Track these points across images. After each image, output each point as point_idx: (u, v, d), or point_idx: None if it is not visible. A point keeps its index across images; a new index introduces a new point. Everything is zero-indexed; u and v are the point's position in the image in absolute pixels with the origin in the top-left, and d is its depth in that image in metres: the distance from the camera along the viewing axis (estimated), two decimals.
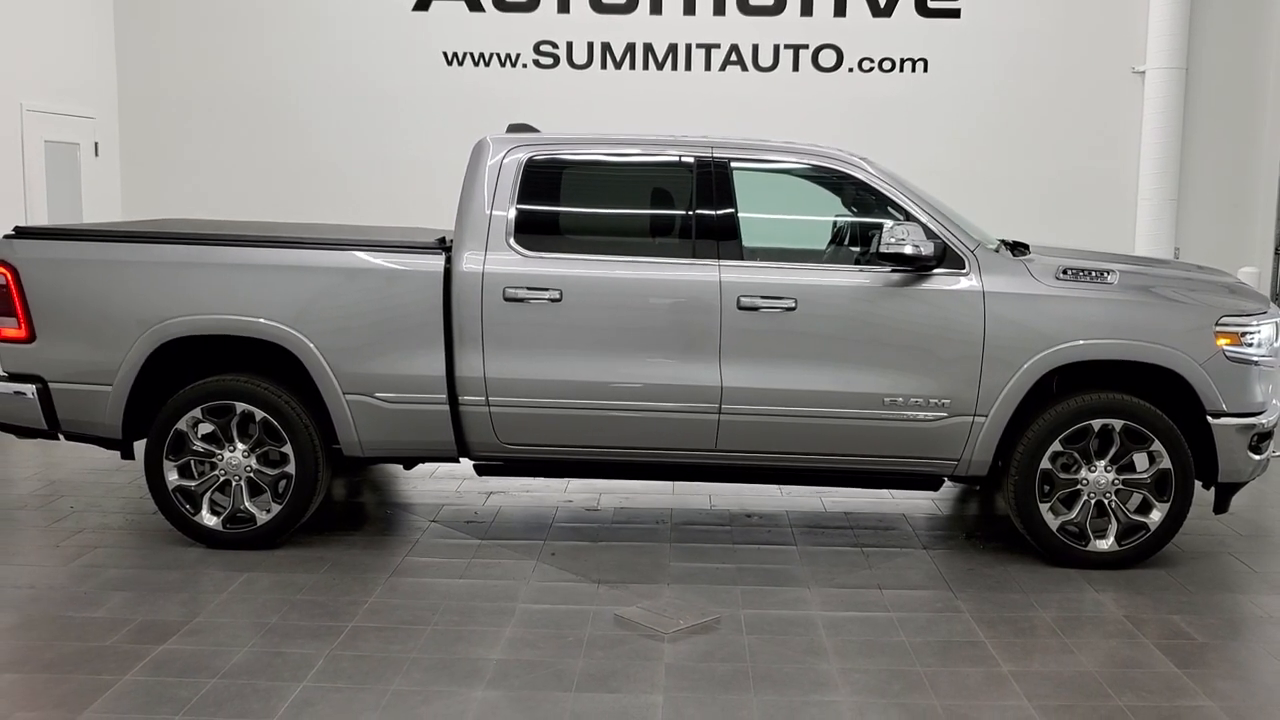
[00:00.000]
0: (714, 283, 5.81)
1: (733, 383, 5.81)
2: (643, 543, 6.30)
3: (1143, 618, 5.30)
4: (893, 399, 5.80)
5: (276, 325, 5.86)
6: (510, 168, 5.99)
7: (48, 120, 9.98)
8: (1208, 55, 10.84)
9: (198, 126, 11.16)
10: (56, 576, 5.65)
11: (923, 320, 5.79)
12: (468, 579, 5.69)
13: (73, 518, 6.61)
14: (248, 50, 11.07)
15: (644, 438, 5.92)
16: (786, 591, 5.57)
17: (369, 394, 5.90)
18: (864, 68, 11.01)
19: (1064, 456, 5.86)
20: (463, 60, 11.04)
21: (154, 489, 6.00)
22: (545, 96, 10.81)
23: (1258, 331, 5.84)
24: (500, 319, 5.83)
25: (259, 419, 5.93)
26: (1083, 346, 5.76)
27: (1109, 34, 10.89)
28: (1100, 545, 5.90)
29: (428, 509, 6.89)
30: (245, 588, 5.49)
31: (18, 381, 6.05)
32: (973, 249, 5.87)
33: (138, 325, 5.90)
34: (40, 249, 6.04)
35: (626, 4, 10.95)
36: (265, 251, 5.99)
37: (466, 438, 6.00)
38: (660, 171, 6.22)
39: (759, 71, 11.06)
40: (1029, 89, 10.97)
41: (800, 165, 6.14)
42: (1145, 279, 6.05)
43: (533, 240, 5.92)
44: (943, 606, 5.43)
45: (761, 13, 10.95)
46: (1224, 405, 5.78)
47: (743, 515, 6.86)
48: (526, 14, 10.99)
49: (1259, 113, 10.92)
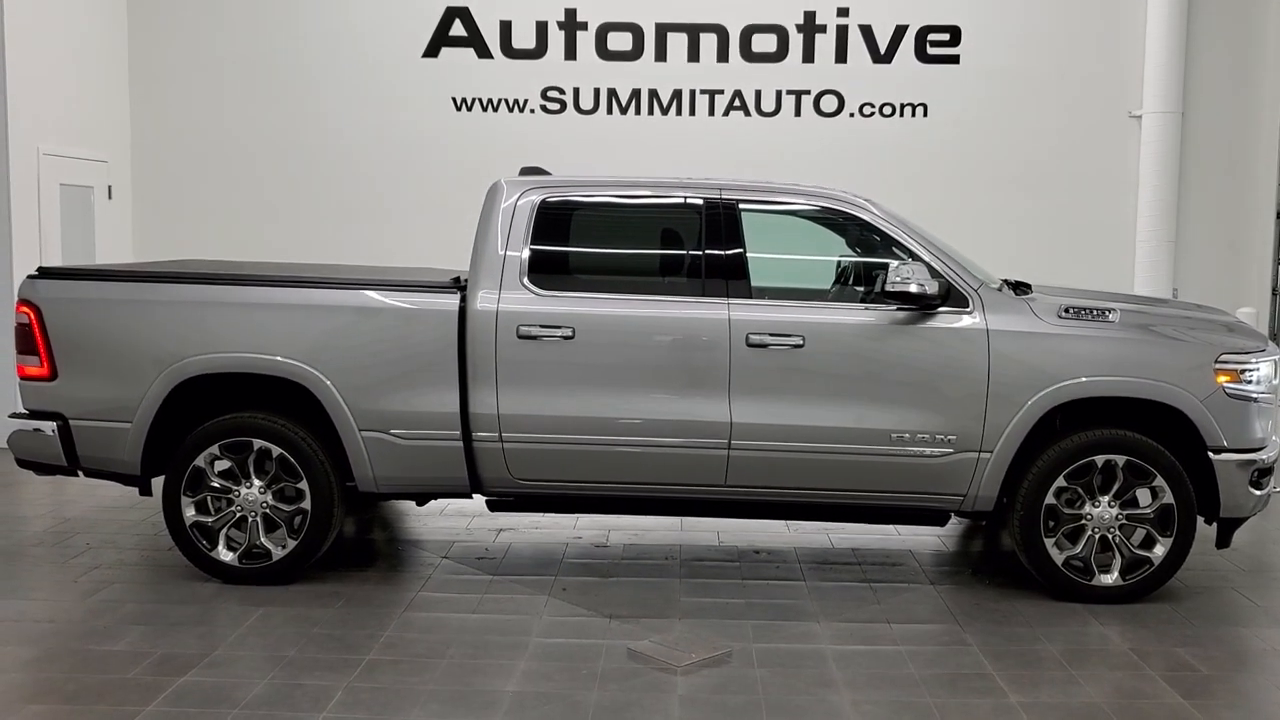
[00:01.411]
0: (723, 320, 5.92)
1: (742, 419, 5.91)
2: (653, 578, 6.38)
3: (1148, 650, 5.37)
4: (899, 435, 5.90)
5: (294, 363, 5.97)
6: (524, 209, 6.13)
7: (63, 164, 10.14)
8: (1203, 99, 11.03)
9: (209, 170, 11.33)
10: (75, 611, 5.72)
11: (928, 357, 5.90)
12: (481, 614, 5.76)
13: (88, 554, 6.68)
14: (259, 96, 11.26)
15: (655, 473, 6.02)
16: (796, 626, 5.64)
17: (384, 430, 6.00)
18: (865, 113, 11.19)
19: (1068, 492, 5.95)
20: (471, 105, 11.23)
21: (171, 525, 6.09)
22: (552, 141, 10.97)
23: (1257, 369, 5.96)
24: (514, 356, 5.94)
25: (276, 455, 6.03)
26: (1085, 384, 5.87)
27: (1106, 79, 11.08)
28: (1105, 580, 5.97)
29: (439, 545, 6.96)
30: (262, 622, 5.56)
31: (38, 419, 6.16)
32: (976, 288, 5.99)
33: (157, 363, 6.02)
34: (62, 289, 6.17)
35: (632, 51, 11.15)
36: (284, 291, 6.12)
37: (480, 473, 6.10)
38: (670, 212, 6.37)
39: (762, 116, 11.24)
40: (1028, 133, 11.15)
41: (807, 206, 6.28)
42: (1146, 317, 6.17)
43: (546, 279, 6.04)
44: (950, 640, 5.50)
45: (764, 60, 11.16)
46: (1225, 441, 5.88)
47: (751, 551, 6.93)
48: (534, 60, 11.19)
49: (1255, 156, 11.09)
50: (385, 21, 11.18)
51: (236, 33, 11.26)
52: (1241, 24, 11.05)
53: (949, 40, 11.12)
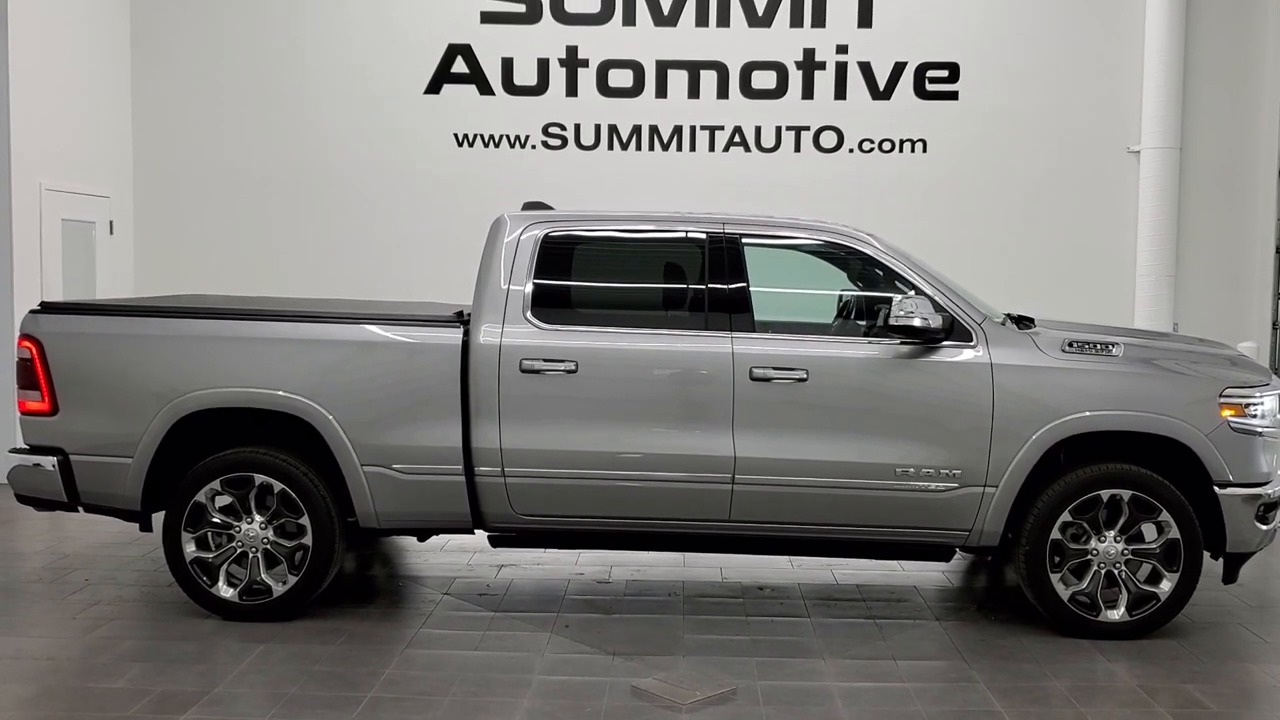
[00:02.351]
0: (727, 354, 5.92)
1: (746, 453, 5.89)
2: (656, 615, 6.33)
3: (1156, 686, 5.33)
4: (904, 469, 5.88)
5: (296, 398, 5.95)
6: (527, 243, 6.14)
7: (65, 199, 10.16)
8: (1201, 135, 11.09)
9: (211, 206, 11.36)
10: (74, 648, 5.67)
11: (932, 392, 5.89)
12: (483, 651, 5.71)
13: (87, 590, 6.63)
14: (261, 132, 11.31)
15: (659, 508, 5.98)
16: (802, 663, 5.60)
17: (386, 465, 5.97)
18: (864, 148, 11.25)
19: (1074, 527, 5.92)
20: (473, 141, 11.28)
21: (171, 561, 6.05)
22: (554, 177, 11.01)
23: (1261, 403, 5.94)
24: (517, 390, 5.92)
25: (277, 491, 6.00)
26: (1089, 418, 5.86)
27: (1104, 115, 11.14)
28: (1111, 615, 5.93)
29: (440, 582, 6.92)
30: (262, 659, 5.51)
31: (39, 454, 6.13)
32: (980, 322, 5.99)
33: (158, 398, 6.00)
34: (64, 323, 6.16)
35: (632, 87, 11.22)
36: (286, 326, 6.11)
37: (482, 509, 6.06)
38: (673, 247, 6.37)
39: (762, 152, 11.29)
40: (1026, 168, 11.20)
41: (809, 240, 6.30)
42: (1149, 351, 6.17)
43: (549, 313, 6.04)
44: (957, 677, 5.45)
45: (764, 96, 11.22)
46: (1230, 475, 5.86)
47: (755, 588, 6.89)
48: (535, 97, 11.25)
49: (1252, 190, 11.14)
50: (387, 58, 11.26)
51: (239, 69, 11.33)
52: (1238, 60, 11.13)
53: (948, 77, 11.19)
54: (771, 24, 11.19)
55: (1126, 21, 11.08)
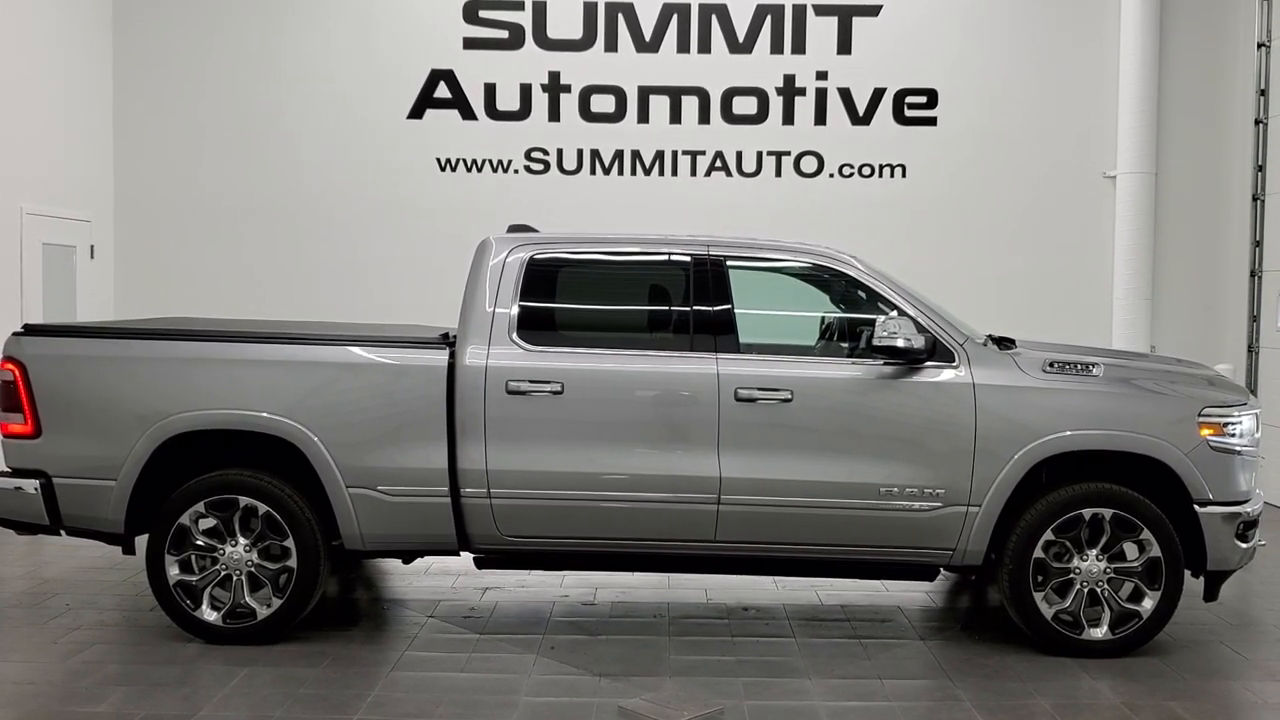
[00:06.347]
0: (712, 375, 5.95)
1: (731, 473, 5.92)
2: (642, 636, 6.33)
3: (1140, 704, 5.36)
4: (888, 489, 5.91)
5: (281, 419, 5.94)
6: (513, 266, 6.16)
7: (46, 223, 10.14)
8: (1175, 160, 11.25)
9: (193, 231, 11.34)
10: (56, 673, 5.62)
11: (915, 411, 5.94)
12: (469, 673, 5.69)
13: (68, 614, 6.57)
14: (243, 156, 11.32)
15: (645, 529, 5.99)
16: (788, 683, 5.60)
17: (371, 487, 5.97)
18: (844, 173, 11.36)
19: (1056, 546, 5.96)
20: (456, 166, 11.32)
21: (154, 584, 6.01)
22: (536, 201, 11.05)
23: (1240, 422, 6.02)
24: (502, 412, 5.93)
25: (262, 513, 5.98)
26: (1070, 437, 5.91)
27: (1080, 140, 11.30)
28: (1095, 633, 5.97)
29: (424, 604, 6.89)
30: (246, 682, 5.48)
31: (20, 477, 6.09)
32: (962, 342, 6.05)
33: (142, 420, 5.97)
34: (47, 346, 6.14)
35: (614, 113, 11.30)
36: (270, 347, 6.10)
37: (467, 530, 6.06)
38: (659, 269, 6.41)
39: (743, 177, 11.38)
40: (1005, 193, 11.33)
41: (794, 262, 6.35)
42: (1129, 371, 6.24)
43: (535, 335, 6.06)
44: (943, 695, 5.47)
45: (745, 121, 11.32)
46: (1210, 494, 5.92)
47: (740, 608, 6.90)
48: (518, 122, 11.31)
49: (1226, 215, 11.30)
50: (370, 83, 11.31)
51: (221, 94, 11.35)
52: (1211, 87, 11.32)
53: (926, 103, 11.33)
54: (752, 50, 11.31)
55: (1102, 49, 11.26)
